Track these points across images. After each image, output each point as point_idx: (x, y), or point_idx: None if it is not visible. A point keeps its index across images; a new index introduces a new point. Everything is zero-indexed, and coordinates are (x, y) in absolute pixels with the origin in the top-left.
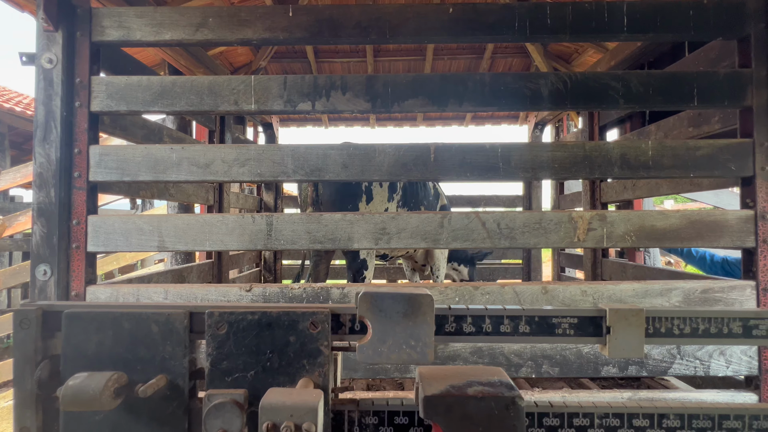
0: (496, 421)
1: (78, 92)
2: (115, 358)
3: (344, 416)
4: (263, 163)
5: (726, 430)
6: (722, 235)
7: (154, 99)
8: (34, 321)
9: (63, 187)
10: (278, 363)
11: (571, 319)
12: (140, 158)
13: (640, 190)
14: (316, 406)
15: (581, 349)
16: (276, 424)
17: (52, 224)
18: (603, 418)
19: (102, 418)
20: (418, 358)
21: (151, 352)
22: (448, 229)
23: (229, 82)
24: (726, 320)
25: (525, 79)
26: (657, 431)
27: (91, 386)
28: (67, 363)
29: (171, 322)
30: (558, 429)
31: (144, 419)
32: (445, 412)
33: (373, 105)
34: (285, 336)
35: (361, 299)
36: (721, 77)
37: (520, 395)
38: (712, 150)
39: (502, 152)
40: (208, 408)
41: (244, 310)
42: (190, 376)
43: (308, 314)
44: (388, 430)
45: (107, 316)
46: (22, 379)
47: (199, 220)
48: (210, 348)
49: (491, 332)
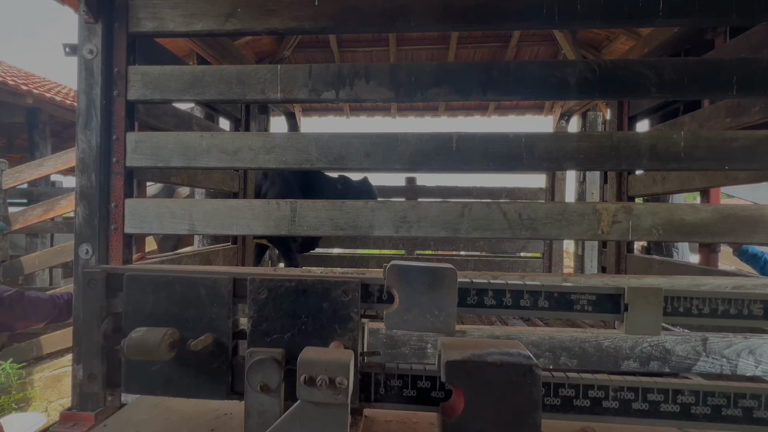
0: (513, 386)
1: (116, 81)
2: (168, 317)
3: (371, 378)
4: (288, 151)
5: (741, 408)
6: (757, 231)
7: (185, 88)
8: (99, 281)
9: (103, 172)
10: (312, 327)
11: (590, 296)
12: (172, 145)
13: (670, 183)
14: (348, 363)
15: (601, 343)
16: (312, 377)
17: (93, 206)
18: (618, 391)
19: (157, 369)
20: (440, 326)
21: (199, 313)
22: (468, 218)
23: (257, 71)
24: (747, 302)
25: (551, 68)
26: (672, 405)
27: (151, 339)
28: (128, 319)
29: (217, 286)
30: (573, 399)
31: (193, 372)
32: (466, 377)
33: (397, 94)
34: (319, 302)
35: (389, 271)
36: (764, 64)
37: (537, 364)
38: (750, 141)
39: (526, 142)
40: (250, 363)
41: (282, 278)
42: (233, 336)
43: (340, 283)
44: (411, 392)
45: (162, 279)
46: (90, 333)
47: (227, 205)
48: (251, 311)
49: (511, 306)
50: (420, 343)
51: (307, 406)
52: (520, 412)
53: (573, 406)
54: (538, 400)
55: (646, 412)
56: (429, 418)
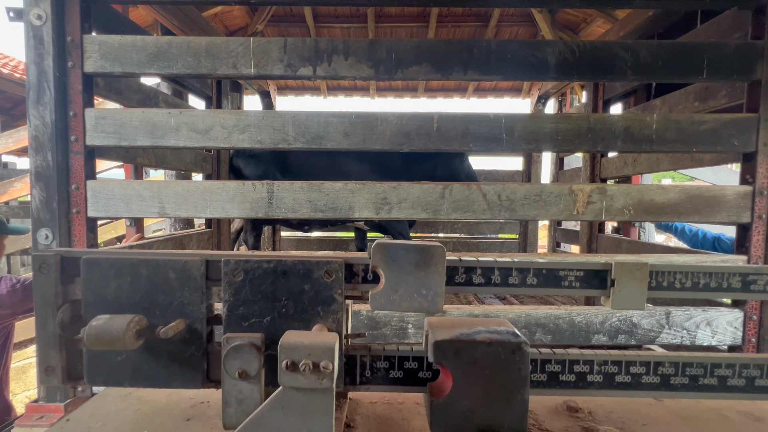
0: (502, 364)
1: (70, 51)
2: (134, 303)
3: (356, 360)
4: (263, 130)
5: (717, 377)
6: (719, 210)
7: (149, 60)
8: (53, 266)
9: (60, 151)
10: (293, 309)
11: (578, 272)
12: (137, 122)
13: (640, 165)
14: (333, 346)
15: (574, 319)
16: (295, 362)
17: (51, 189)
18: (602, 365)
19: (124, 359)
20: (428, 306)
21: (169, 298)
22: (449, 199)
23: (227, 44)
24: (726, 275)
25: (532, 47)
26: (653, 377)
27: (114, 327)
28: (88, 307)
29: (188, 269)
30: (559, 375)
31: (164, 361)
32: (454, 356)
33: (376, 71)
34: (300, 284)
35: (374, 249)
36: (732, 49)
37: (526, 341)
38: (716, 124)
39: (506, 123)
40: (227, 349)
41: (260, 259)
42: (207, 322)
43: (323, 263)
44: (398, 374)
45: (125, 262)
46: (44, 322)
47: (199, 187)
48: (227, 294)
49: (500, 283)
50: (401, 323)
51: (290, 392)
52: (508, 389)
53: (559, 381)
54: (526, 376)
55: (628, 384)
56: (415, 398)
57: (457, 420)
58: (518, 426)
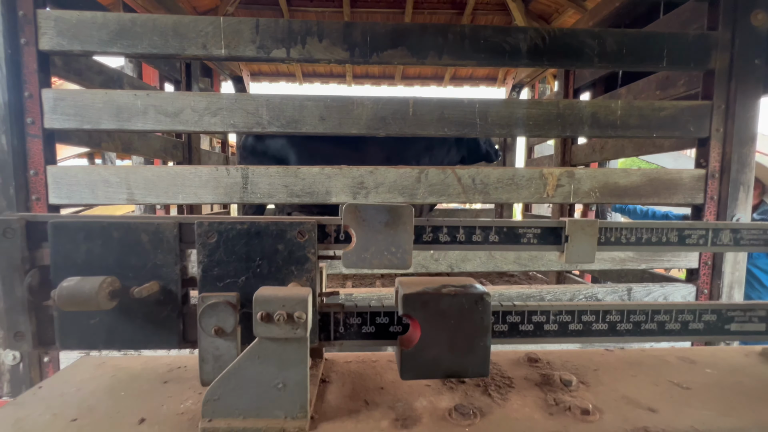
0: (466, 314)
1: (22, 27)
2: (105, 266)
3: (330, 317)
4: (236, 114)
5: (657, 322)
6: (677, 192)
7: (111, 39)
8: (18, 230)
9: (16, 134)
10: (268, 269)
11: (535, 230)
12: (101, 104)
13: (606, 152)
14: (306, 297)
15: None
16: (270, 313)
17: (6, 174)
18: (557, 315)
19: (97, 322)
20: (398, 263)
21: (142, 260)
22: (425, 183)
23: (196, 23)
24: (665, 231)
25: (504, 33)
26: (602, 324)
27: (86, 287)
28: (58, 271)
29: (161, 231)
30: (519, 325)
31: (139, 322)
32: (422, 308)
33: (351, 54)
34: (273, 244)
35: (346, 210)
36: (690, 39)
37: (488, 293)
38: (674, 111)
39: (480, 108)
40: (203, 308)
41: (234, 221)
42: (182, 284)
43: (296, 224)
44: (370, 329)
45: (95, 225)
46: (11, 287)
47: (170, 172)
48: (201, 256)
49: (464, 241)
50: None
51: (265, 343)
52: (472, 337)
53: (519, 331)
54: (488, 325)
55: (580, 331)
56: (387, 357)
57: (426, 367)
58: (481, 370)
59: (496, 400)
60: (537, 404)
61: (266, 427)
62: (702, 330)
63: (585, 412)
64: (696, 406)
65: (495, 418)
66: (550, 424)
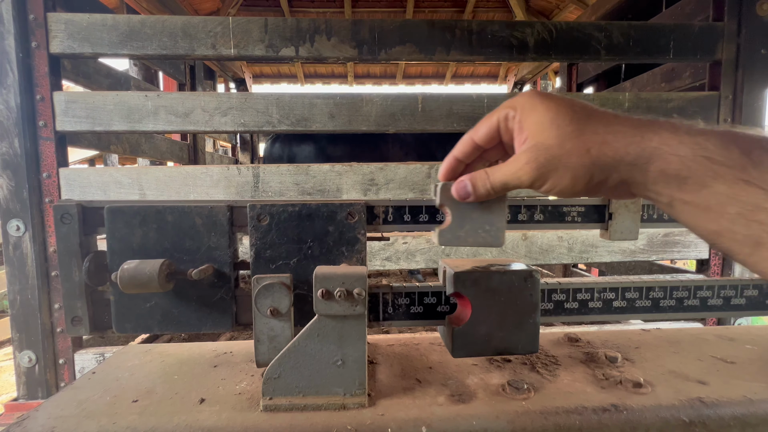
0: (516, 291)
1: (33, 31)
2: (161, 250)
3: (379, 297)
4: (246, 113)
5: (699, 298)
6: None
7: (121, 41)
8: (75, 215)
9: (28, 138)
10: (319, 251)
11: (579, 207)
12: (112, 106)
13: None
14: (365, 274)
15: None
16: (329, 290)
17: (20, 177)
18: (601, 292)
19: (153, 305)
20: (492, 240)
21: (196, 243)
22: (435, 179)
23: (205, 23)
24: None
25: (511, 28)
26: (645, 301)
27: (146, 269)
28: (114, 255)
29: (214, 215)
30: (564, 303)
31: (194, 306)
32: (473, 285)
33: (360, 51)
34: (324, 226)
35: (441, 189)
36: (696, 30)
37: (537, 269)
38: (682, 102)
39: (489, 102)
40: (258, 288)
41: (285, 203)
42: (234, 267)
43: (345, 206)
44: (418, 308)
45: (150, 209)
46: (69, 272)
47: (182, 172)
48: (253, 238)
49: (509, 221)
50: None
51: (325, 321)
52: (521, 314)
53: (564, 309)
54: (537, 301)
55: (624, 308)
56: (429, 339)
57: (477, 344)
58: (531, 347)
59: (545, 377)
60: (587, 379)
61: (327, 404)
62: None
63: (637, 384)
64: (745, 378)
65: (548, 392)
66: (604, 396)
